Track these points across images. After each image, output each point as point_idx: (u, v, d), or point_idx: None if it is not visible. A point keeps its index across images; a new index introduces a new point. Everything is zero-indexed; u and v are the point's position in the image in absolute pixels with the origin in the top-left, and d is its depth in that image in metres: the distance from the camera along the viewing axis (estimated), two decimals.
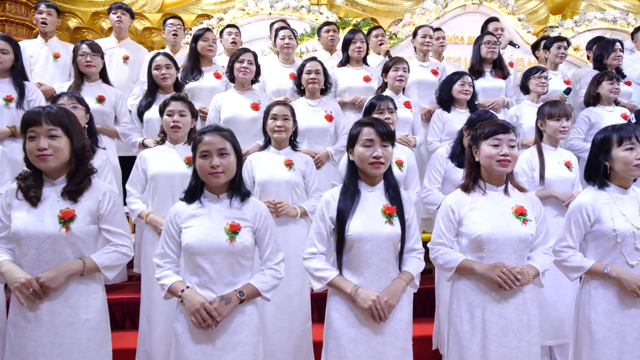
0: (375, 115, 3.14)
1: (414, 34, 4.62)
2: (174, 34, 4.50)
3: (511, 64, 4.95)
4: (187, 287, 2.10)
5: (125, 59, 4.55)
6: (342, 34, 6.00)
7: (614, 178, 2.40)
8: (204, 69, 4.14)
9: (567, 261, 2.40)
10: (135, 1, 6.82)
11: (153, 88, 3.69)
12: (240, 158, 2.16)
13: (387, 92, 3.93)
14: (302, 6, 6.34)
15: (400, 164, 3.14)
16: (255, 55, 3.77)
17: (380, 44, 4.86)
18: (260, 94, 3.86)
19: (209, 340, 2.08)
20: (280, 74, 4.22)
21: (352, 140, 2.21)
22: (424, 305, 3.71)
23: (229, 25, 4.73)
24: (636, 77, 4.93)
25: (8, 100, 3.44)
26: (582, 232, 2.39)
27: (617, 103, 4.20)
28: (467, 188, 2.33)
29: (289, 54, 4.30)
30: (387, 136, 2.16)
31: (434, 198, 3.19)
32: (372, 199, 2.21)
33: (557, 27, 6.71)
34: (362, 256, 2.14)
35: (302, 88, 3.82)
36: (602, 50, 4.64)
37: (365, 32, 4.89)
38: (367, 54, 4.37)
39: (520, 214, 2.27)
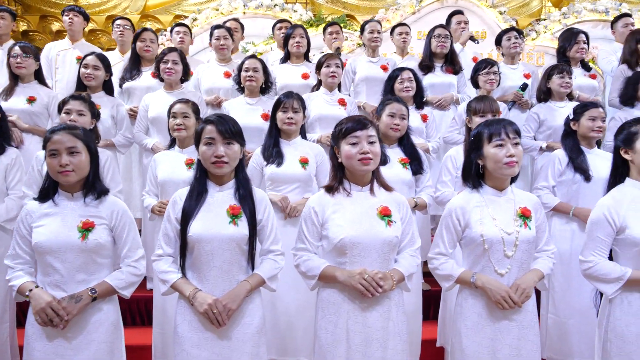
0: (281, 113, 3.06)
1: (361, 29, 4.48)
2: (120, 34, 4.53)
3: (475, 59, 4.72)
4: (37, 286, 2.07)
5: (79, 59, 4.59)
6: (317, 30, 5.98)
7: (488, 178, 2.21)
8: (143, 69, 4.14)
9: (438, 269, 2.23)
10: (118, 3, 6.93)
11: (80, 87, 3.72)
12: (95, 157, 2.12)
13: (321, 89, 3.81)
14: (276, 4, 6.28)
15: (304, 162, 3.03)
16: (181, 55, 3.74)
17: (339, 41, 4.73)
18: (188, 93, 3.82)
19: (64, 339, 2.05)
20: (215, 73, 4.17)
21: (197, 139, 2.13)
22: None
23: (177, 24, 4.73)
24: (609, 70, 4.61)
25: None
26: (455, 238, 2.22)
27: (571, 98, 3.92)
28: (331, 189, 2.20)
29: (224, 54, 4.24)
30: (231, 134, 2.07)
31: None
32: (220, 198, 2.12)
33: (545, 19, 6.38)
34: (204, 258, 2.06)
35: (243, 86, 3.76)
36: (565, 42, 4.35)
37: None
38: (308, 49, 4.27)
39: (385, 215, 2.12)
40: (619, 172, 2.27)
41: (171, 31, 4.74)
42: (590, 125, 3.12)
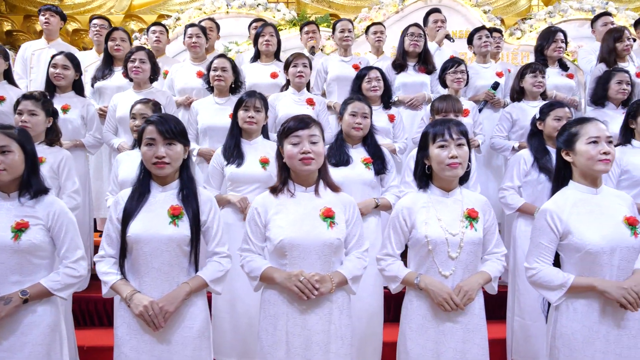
0: (242, 112, 3.03)
1: (333, 29, 4.45)
2: (96, 34, 4.52)
3: (452, 58, 4.68)
4: None
5: None
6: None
7: (435, 179, 2.18)
8: (116, 69, 4.12)
9: (385, 270, 2.20)
10: (103, 3, 6.93)
11: (50, 87, 3.70)
12: (30, 156, 2.09)
13: (290, 89, 3.78)
14: (259, 4, 6.27)
15: (265, 163, 3.00)
16: (149, 54, 3.72)
17: (314, 40, 4.70)
18: (158, 92, 3.79)
19: None
20: (188, 72, 4.14)
21: (139, 139, 2.11)
22: None
23: (154, 24, 4.72)
24: (589, 69, 4.56)
25: None
26: (402, 239, 2.18)
27: (545, 97, 3.87)
28: (275, 190, 2.17)
29: (197, 52, 4.21)
30: (172, 134, 2.04)
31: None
32: (162, 199, 2.10)
33: (530, 18, 6.32)
34: (142, 259, 2.04)
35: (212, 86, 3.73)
36: (542, 40, 4.30)
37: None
38: (279, 48, 4.24)
39: (327, 216, 2.09)
40: (562, 175, 2.21)
41: (147, 30, 4.73)
42: (556, 126, 3.07)
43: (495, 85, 4.10)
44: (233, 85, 3.63)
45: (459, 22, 5.93)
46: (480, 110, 4.13)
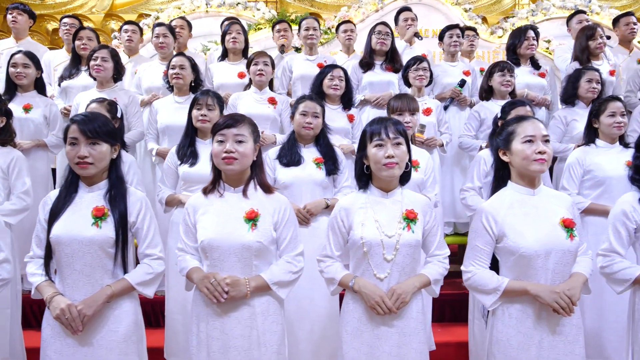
0: (195, 111, 2.98)
1: (299, 27, 4.40)
2: (66, 33, 4.49)
3: (424, 56, 4.61)
4: None
5: None
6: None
7: (374, 179, 2.12)
8: (83, 68, 4.08)
9: (323, 272, 2.16)
10: (84, 3, 6.90)
11: (10, 87, 3.67)
12: None
13: (252, 88, 3.74)
14: (238, 3, 6.22)
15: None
16: (112, 53, 3.68)
17: (284, 38, 4.65)
18: (121, 91, 3.76)
19: None
20: (155, 71, 4.09)
21: (64, 138, 2.07)
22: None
23: (126, 22, 4.68)
24: (564, 68, 4.49)
25: None
26: (340, 240, 2.13)
27: (513, 96, 3.81)
28: (205, 190, 2.13)
29: (164, 52, 4.17)
30: (95, 134, 1.99)
31: None
32: (88, 200, 2.05)
33: (513, 16, 6.25)
34: (64, 260, 1.99)
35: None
36: (514, 38, 4.24)
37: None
38: (247, 47, 4.19)
39: (250, 218, 2.04)
40: (500, 175, 2.15)
41: (120, 30, 4.70)
42: None
43: (462, 83, 4.05)
44: (193, 84, 3.57)
45: (440, 21, 5.86)
46: (446, 108, 4.09)
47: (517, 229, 2.00)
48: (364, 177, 2.11)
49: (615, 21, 4.93)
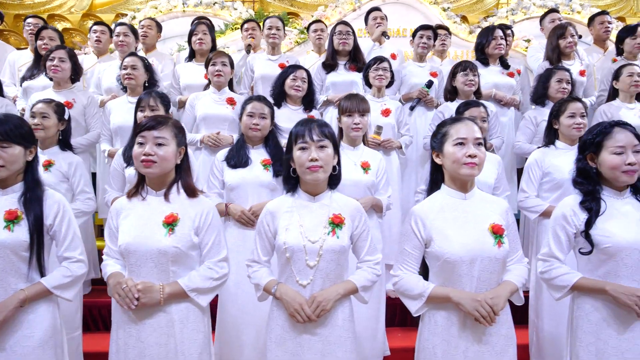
0: (139, 113, 2.93)
1: (263, 26, 4.34)
2: (30, 33, 4.45)
3: (393, 56, 4.55)
4: None
5: None
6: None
7: (301, 182, 2.06)
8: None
9: (251, 277, 2.10)
10: (63, 2, 6.85)
11: None
12: None
13: (210, 88, 3.68)
14: (215, 2, 6.17)
15: None
16: (69, 54, 3.63)
17: (251, 38, 4.59)
18: (78, 92, 3.71)
19: None
20: (115, 72, 4.02)
21: None
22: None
23: (95, 23, 4.64)
24: (536, 67, 4.42)
25: None
26: (267, 245, 2.07)
27: (479, 96, 3.74)
28: (129, 193, 2.08)
29: (124, 52, 4.11)
30: (5, 136, 1.94)
31: None
32: (2, 203, 1.99)
33: (493, 15, 6.17)
34: None
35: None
36: (481, 38, 4.17)
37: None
38: (214, 47, 4.14)
39: (168, 223, 1.97)
40: (435, 179, 2.09)
41: (89, 30, 4.64)
42: None
43: (429, 84, 3.98)
44: (147, 84, 3.52)
45: (418, 20, 5.75)
46: (412, 108, 4.02)
47: (444, 234, 1.94)
48: (292, 180, 2.05)
49: (591, 20, 4.85)
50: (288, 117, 3.61)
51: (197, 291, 1.97)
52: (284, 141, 2.98)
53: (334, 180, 2.06)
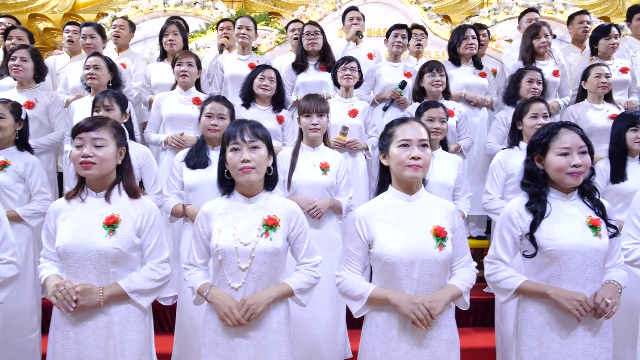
0: (95, 114, 2.90)
1: (234, 25, 4.31)
2: (1, 33, 4.43)
3: (370, 56, 4.53)
4: None
5: None
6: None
7: (236, 184, 2.03)
8: None
9: (186, 280, 2.07)
10: (46, 2, 6.83)
11: None
12: None
13: (177, 88, 3.65)
14: (196, 2, 6.13)
15: None
16: (32, 53, 3.60)
17: (225, 37, 4.56)
18: (42, 92, 3.68)
19: None
20: (80, 72, 4.02)
21: None
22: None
23: (68, 23, 4.62)
24: (511, 67, 4.37)
25: None
26: (203, 247, 2.04)
27: (447, 97, 3.70)
28: (68, 195, 2.05)
29: (90, 52, 4.07)
30: None
31: None
32: None
33: (475, 15, 6.13)
34: None
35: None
36: (453, 38, 4.14)
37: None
38: (185, 46, 4.12)
39: (109, 224, 1.94)
40: (382, 180, 2.06)
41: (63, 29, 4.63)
42: (428, 127, 2.90)
43: (403, 84, 3.94)
44: (111, 84, 3.48)
45: (399, 20, 5.65)
46: (385, 109, 3.99)
47: (386, 235, 1.91)
48: (227, 182, 2.02)
49: (570, 19, 4.81)
50: (256, 117, 3.55)
51: (138, 292, 1.95)
52: None
53: (270, 181, 2.03)
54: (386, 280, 1.92)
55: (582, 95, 3.86)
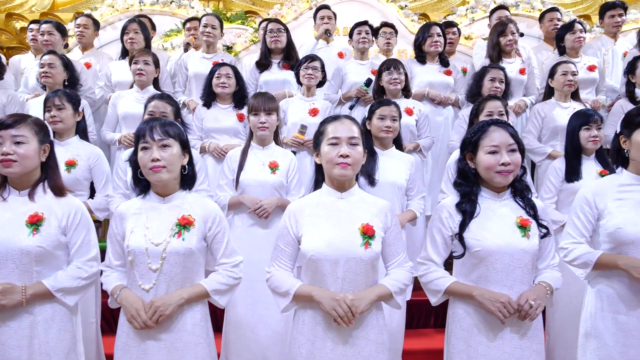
0: (46, 114, 2.87)
1: (199, 23, 4.27)
2: None
3: (340, 55, 4.49)
4: None
5: None
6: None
7: (152, 183, 1.98)
8: None
9: (103, 282, 2.04)
10: (24, 1, 6.81)
11: None
12: None
13: (134, 87, 3.62)
14: (172, 1, 6.10)
15: (71, 165, 2.82)
16: None
17: (192, 36, 4.53)
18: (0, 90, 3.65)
19: None
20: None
21: None
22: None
23: (32, 22, 4.59)
24: (479, 65, 4.32)
25: None
26: (118, 249, 1.99)
27: (407, 95, 3.65)
28: None
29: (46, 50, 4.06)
30: None
31: None
32: None
33: (453, 13, 6.08)
34: None
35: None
36: (418, 35, 4.09)
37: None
38: (147, 45, 4.08)
39: (32, 222, 1.91)
40: (317, 178, 2.04)
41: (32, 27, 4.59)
42: (379, 125, 2.89)
43: (368, 82, 3.88)
44: (67, 82, 3.45)
45: (375, 18, 5.61)
46: (351, 108, 3.94)
47: (312, 232, 1.89)
48: (142, 182, 1.97)
49: (541, 17, 4.77)
50: (215, 116, 3.56)
51: (63, 291, 1.92)
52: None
53: (187, 180, 1.99)
54: (312, 277, 1.89)
55: (549, 93, 3.81)
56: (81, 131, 3.01)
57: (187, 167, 1.95)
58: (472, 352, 1.91)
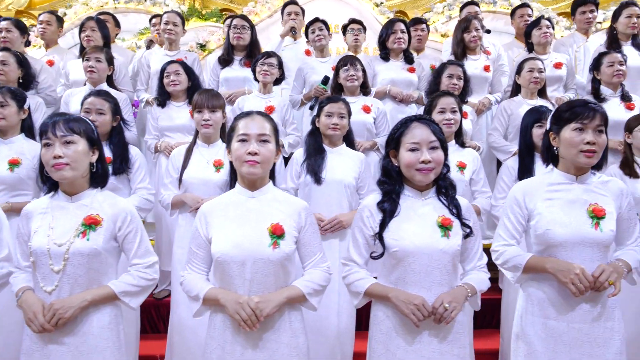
0: None
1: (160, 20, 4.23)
2: None
3: (307, 52, 4.42)
4: None
5: None
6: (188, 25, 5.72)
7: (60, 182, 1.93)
8: None
9: (10, 283, 1.98)
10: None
11: None
12: None
13: (87, 85, 3.56)
14: None
15: (14, 164, 2.77)
16: None
17: (155, 34, 4.48)
18: None
19: None
20: None
21: None
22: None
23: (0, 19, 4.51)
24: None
25: None
26: (26, 249, 1.89)
27: (366, 93, 3.59)
28: None
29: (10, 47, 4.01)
30: None
31: None
32: None
33: (430, 11, 6.01)
34: None
35: None
36: (382, 32, 4.02)
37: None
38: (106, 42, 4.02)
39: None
40: (231, 178, 1.99)
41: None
42: (327, 122, 2.83)
43: (325, 80, 3.81)
44: (21, 80, 3.40)
45: (351, 15, 5.58)
46: (312, 108, 3.86)
47: (220, 233, 1.83)
48: (51, 179, 1.88)
49: (512, 13, 4.69)
50: (169, 115, 3.52)
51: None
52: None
53: (97, 178, 1.91)
54: (220, 279, 1.84)
55: (516, 90, 3.75)
56: (27, 129, 2.95)
57: (96, 164, 1.88)
58: (391, 355, 1.85)
